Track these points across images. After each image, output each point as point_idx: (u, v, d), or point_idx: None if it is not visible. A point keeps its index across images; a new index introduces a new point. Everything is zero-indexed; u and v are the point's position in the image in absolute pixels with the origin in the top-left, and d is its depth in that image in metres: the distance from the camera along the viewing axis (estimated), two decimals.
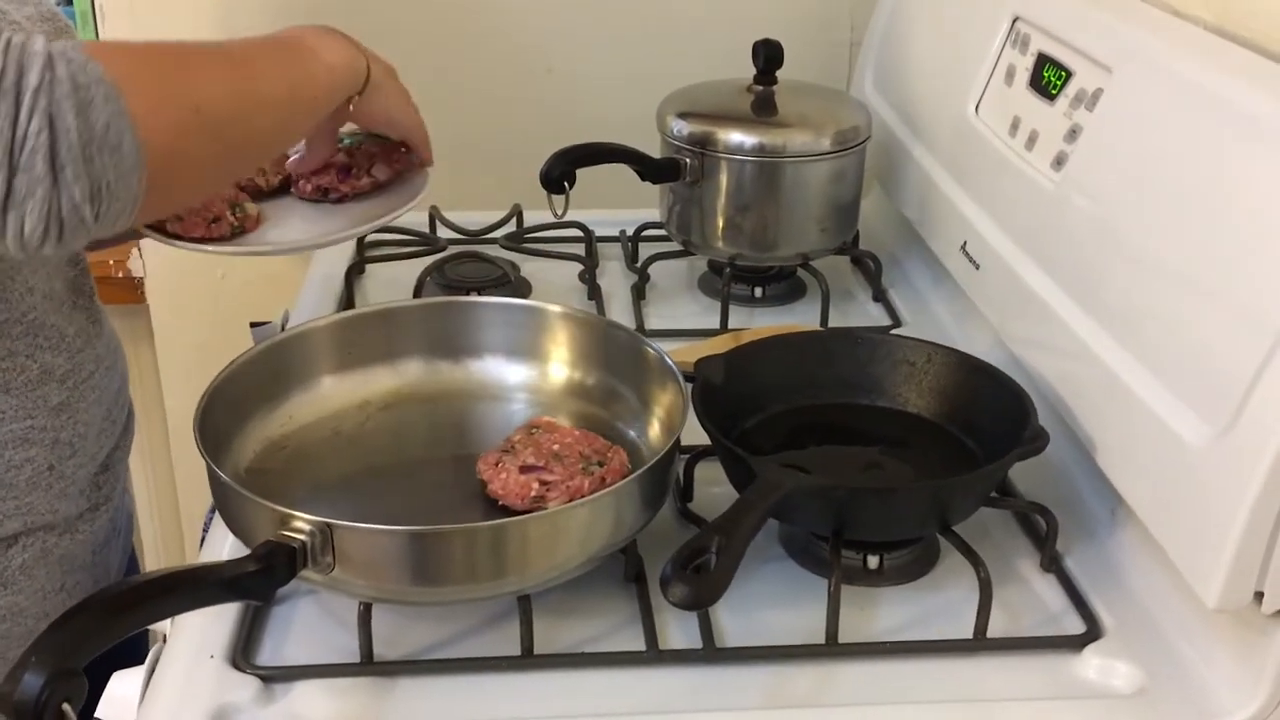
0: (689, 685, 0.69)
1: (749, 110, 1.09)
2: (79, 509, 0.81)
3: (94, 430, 0.82)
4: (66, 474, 0.79)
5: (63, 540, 0.80)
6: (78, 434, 0.80)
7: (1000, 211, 0.93)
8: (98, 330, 0.84)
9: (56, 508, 0.79)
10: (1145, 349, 0.72)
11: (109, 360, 0.85)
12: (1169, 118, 0.75)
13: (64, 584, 0.80)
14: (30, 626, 0.78)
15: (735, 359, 0.84)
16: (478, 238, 1.20)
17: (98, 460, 0.83)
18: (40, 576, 0.78)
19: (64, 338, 0.79)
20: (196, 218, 0.89)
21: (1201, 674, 0.68)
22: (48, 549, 0.78)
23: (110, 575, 0.87)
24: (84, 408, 0.80)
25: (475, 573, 0.67)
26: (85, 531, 0.82)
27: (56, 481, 0.78)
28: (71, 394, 0.79)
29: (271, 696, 0.67)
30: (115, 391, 0.86)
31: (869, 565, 0.77)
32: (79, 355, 0.80)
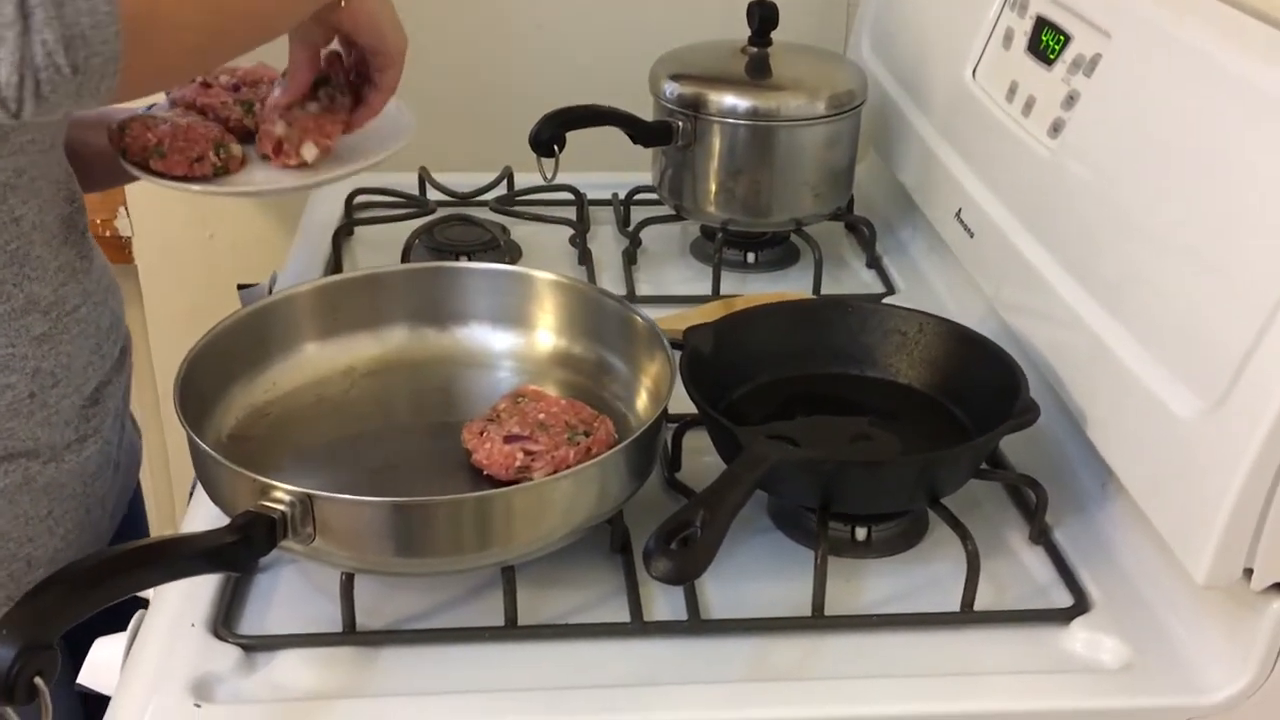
0: (674, 657, 0.68)
1: (743, 73, 1.08)
2: (65, 439, 0.81)
3: (80, 362, 0.81)
4: (49, 403, 0.79)
5: (47, 468, 0.79)
6: (60, 364, 0.79)
7: (996, 179, 0.92)
8: (86, 265, 0.83)
9: (38, 435, 0.78)
10: (1138, 321, 0.71)
11: (98, 295, 0.85)
12: (1168, 85, 0.73)
13: (50, 511, 0.80)
14: (13, 550, 0.78)
15: (724, 328, 0.83)
16: (467, 200, 1.18)
17: (84, 392, 0.82)
18: (24, 503, 0.78)
19: (49, 270, 0.79)
20: (179, 156, 0.88)
21: (1189, 649, 0.68)
22: (30, 476, 0.78)
23: (105, 509, 0.87)
24: (68, 340, 0.80)
25: (459, 544, 0.66)
26: (71, 461, 0.81)
27: (38, 410, 0.78)
28: (55, 325, 0.79)
29: (253, 665, 0.67)
30: (106, 327, 0.85)
31: (856, 537, 0.76)
32: (64, 288, 0.80)
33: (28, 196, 0.76)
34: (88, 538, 0.85)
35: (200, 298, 1.40)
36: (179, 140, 0.89)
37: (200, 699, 0.64)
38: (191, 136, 0.89)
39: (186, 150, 0.88)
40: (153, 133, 0.89)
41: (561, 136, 1.03)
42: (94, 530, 0.86)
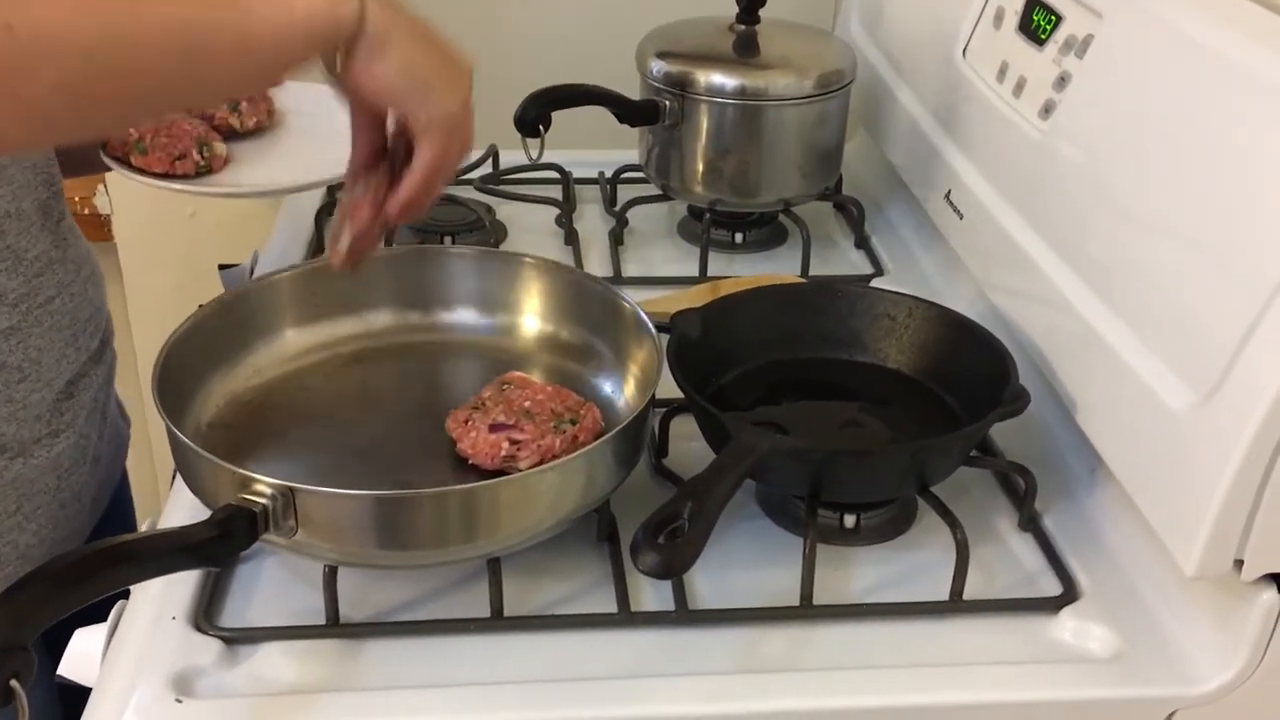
0: (661, 647, 0.68)
1: (730, 51, 1.06)
2: (35, 434, 0.79)
3: (51, 356, 0.79)
4: (15, 398, 0.77)
5: (14, 464, 0.78)
6: (28, 359, 0.77)
7: (986, 160, 0.91)
8: (62, 254, 0.81)
9: (3, 430, 0.76)
10: (1129, 308, 0.71)
11: (76, 286, 0.82)
12: (1160, 67, 0.72)
13: (19, 507, 0.79)
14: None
15: (712, 313, 0.82)
16: (452, 179, 1.16)
17: (55, 386, 0.80)
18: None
19: (22, 260, 0.76)
20: (161, 153, 0.87)
21: (1179, 639, 0.68)
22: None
23: (82, 504, 0.86)
24: (38, 333, 0.78)
25: (443, 537, 0.66)
26: (42, 456, 0.80)
27: (3, 405, 0.76)
28: (24, 318, 0.76)
29: (235, 658, 0.66)
30: (85, 319, 0.83)
31: (845, 524, 0.75)
32: (37, 279, 0.78)
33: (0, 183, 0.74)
34: (62, 533, 0.83)
35: (181, 277, 1.38)
36: (161, 136, 0.87)
37: (181, 693, 0.63)
38: (175, 133, 0.87)
39: (169, 147, 0.86)
40: (134, 128, 0.87)
41: (547, 116, 1.01)
42: (69, 525, 0.84)
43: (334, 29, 0.61)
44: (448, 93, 0.65)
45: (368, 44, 0.62)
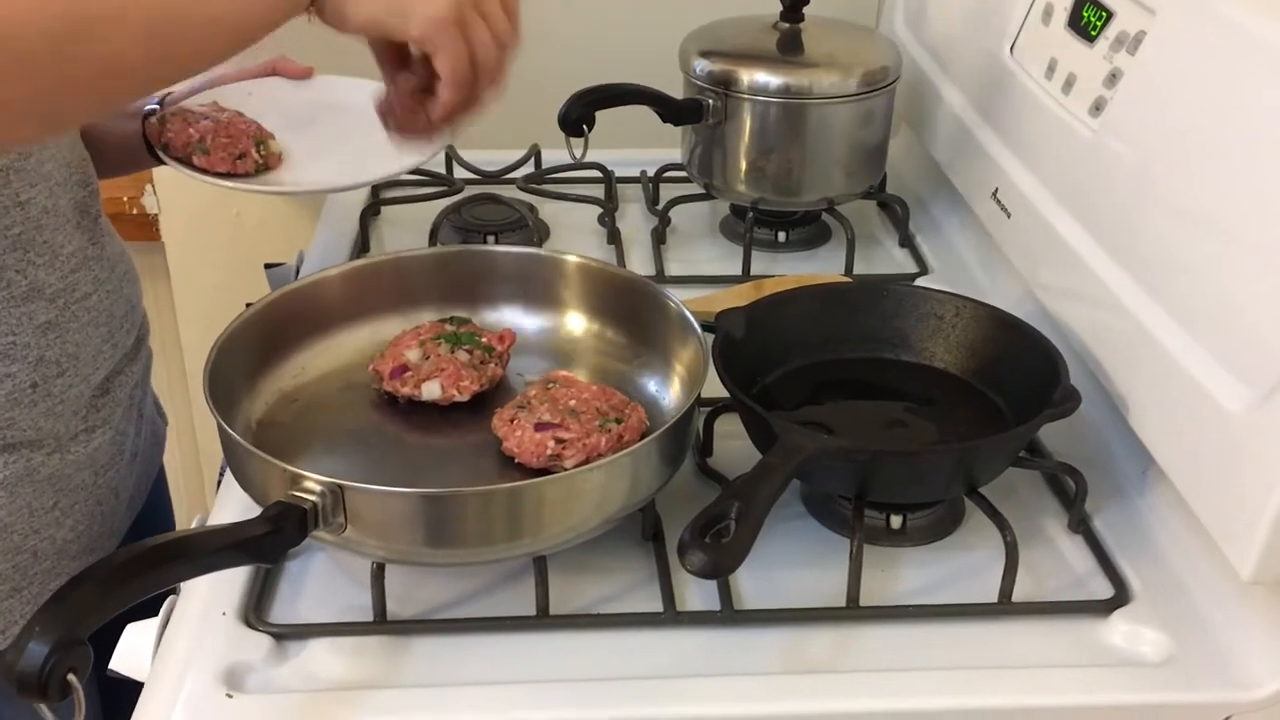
0: (707, 647, 0.68)
1: (774, 49, 1.06)
2: (72, 429, 0.79)
3: (89, 351, 0.80)
4: (54, 393, 0.77)
5: (51, 459, 0.78)
6: (66, 353, 0.78)
7: (1034, 158, 0.90)
8: (98, 252, 0.82)
9: (41, 425, 0.77)
10: (1184, 307, 0.70)
11: (112, 283, 0.83)
12: (1215, 64, 0.71)
13: (57, 503, 0.79)
14: (17, 543, 0.78)
15: (757, 311, 0.82)
16: (495, 179, 1.17)
17: (93, 382, 0.81)
18: (26, 494, 0.77)
19: (58, 256, 0.77)
20: (222, 153, 0.87)
21: (1232, 644, 0.66)
22: (33, 467, 0.77)
23: (119, 500, 0.87)
24: (76, 328, 0.78)
25: (489, 535, 0.66)
26: (79, 452, 0.80)
27: (42, 399, 0.77)
28: (61, 313, 0.77)
29: (284, 654, 0.67)
30: (120, 315, 0.84)
31: (892, 525, 0.75)
32: (74, 275, 0.78)
33: (35, 180, 0.75)
34: (99, 529, 0.84)
35: (227, 275, 1.40)
36: (221, 136, 0.87)
37: (232, 688, 0.64)
38: (233, 133, 0.88)
39: (230, 147, 0.87)
40: (194, 128, 0.88)
41: (591, 116, 1.01)
42: (106, 521, 0.85)
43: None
44: (420, 6, 0.66)
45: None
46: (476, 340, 0.80)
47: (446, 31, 0.67)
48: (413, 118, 0.74)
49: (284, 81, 1.01)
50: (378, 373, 0.80)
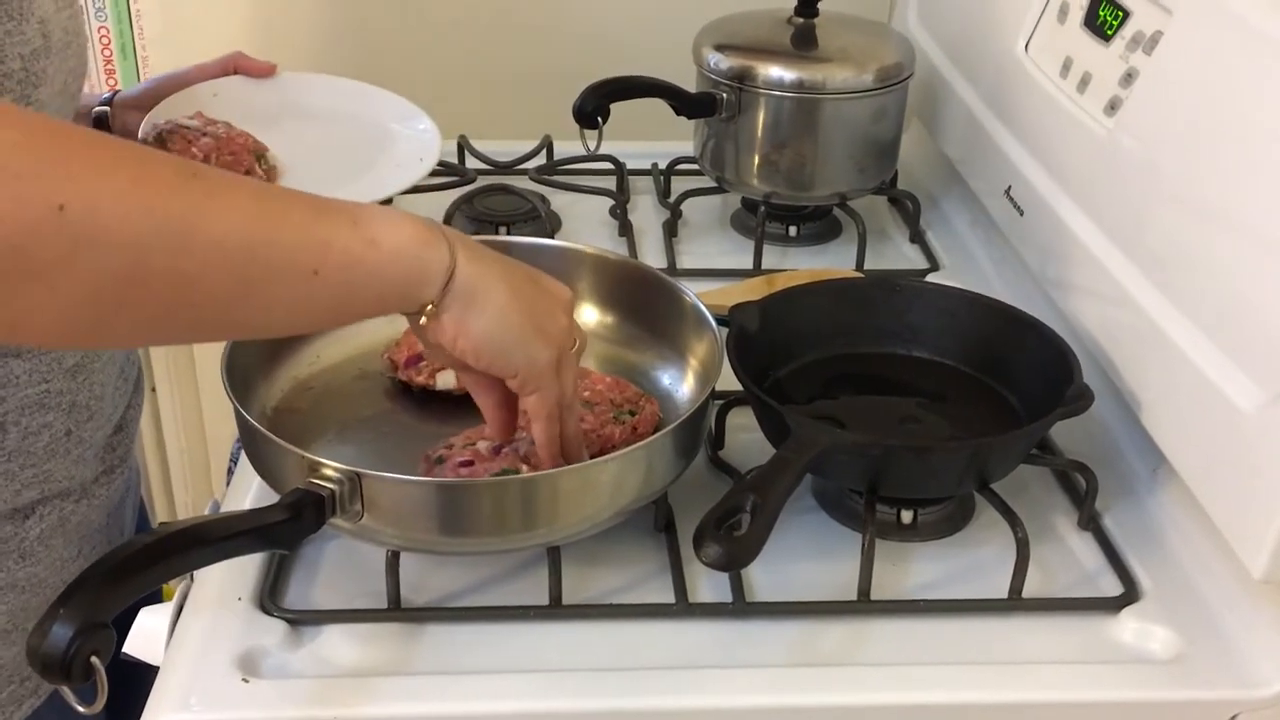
0: (718, 639, 0.68)
1: (789, 44, 1.06)
2: (94, 473, 0.79)
3: (110, 390, 0.79)
4: (84, 438, 0.76)
5: (79, 507, 0.77)
6: (94, 395, 0.77)
7: (1048, 156, 0.90)
8: None
9: (73, 474, 0.76)
10: (1197, 306, 0.70)
11: None
12: (1232, 65, 0.71)
13: (80, 550, 0.78)
14: (47, 597, 0.74)
15: (770, 305, 0.82)
16: (507, 169, 1.17)
17: (113, 421, 0.80)
18: (58, 546, 0.76)
19: None
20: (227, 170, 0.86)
21: (1242, 642, 0.67)
22: (65, 517, 0.76)
23: (124, 535, 0.86)
24: (98, 368, 0.77)
25: (504, 525, 0.66)
26: (101, 496, 0.79)
27: (75, 447, 0.76)
28: (86, 355, 0.75)
29: (299, 640, 0.67)
30: (125, 351, 0.84)
31: (903, 520, 0.75)
32: None
33: None
34: None
35: None
36: (224, 154, 0.86)
37: (247, 673, 0.64)
38: (234, 149, 0.87)
39: (234, 165, 0.86)
40: (196, 147, 0.87)
41: (605, 108, 1.02)
42: None
43: (421, 274, 0.56)
44: (540, 346, 0.60)
45: (459, 300, 0.57)
46: None
47: (551, 374, 0.62)
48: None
49: (247, 81, 0.98)
50: (392, 361, 0.80)
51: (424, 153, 0.95)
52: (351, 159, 0.95)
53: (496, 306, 0.58)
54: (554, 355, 0.61)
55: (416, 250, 0.55)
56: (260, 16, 1.28)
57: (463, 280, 0.57)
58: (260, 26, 1.12)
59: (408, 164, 0.94)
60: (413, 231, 0.55)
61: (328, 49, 1.02)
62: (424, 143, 0.97)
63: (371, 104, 1.00)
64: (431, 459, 0.70)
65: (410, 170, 0.94)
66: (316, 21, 0.85)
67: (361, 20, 1.31)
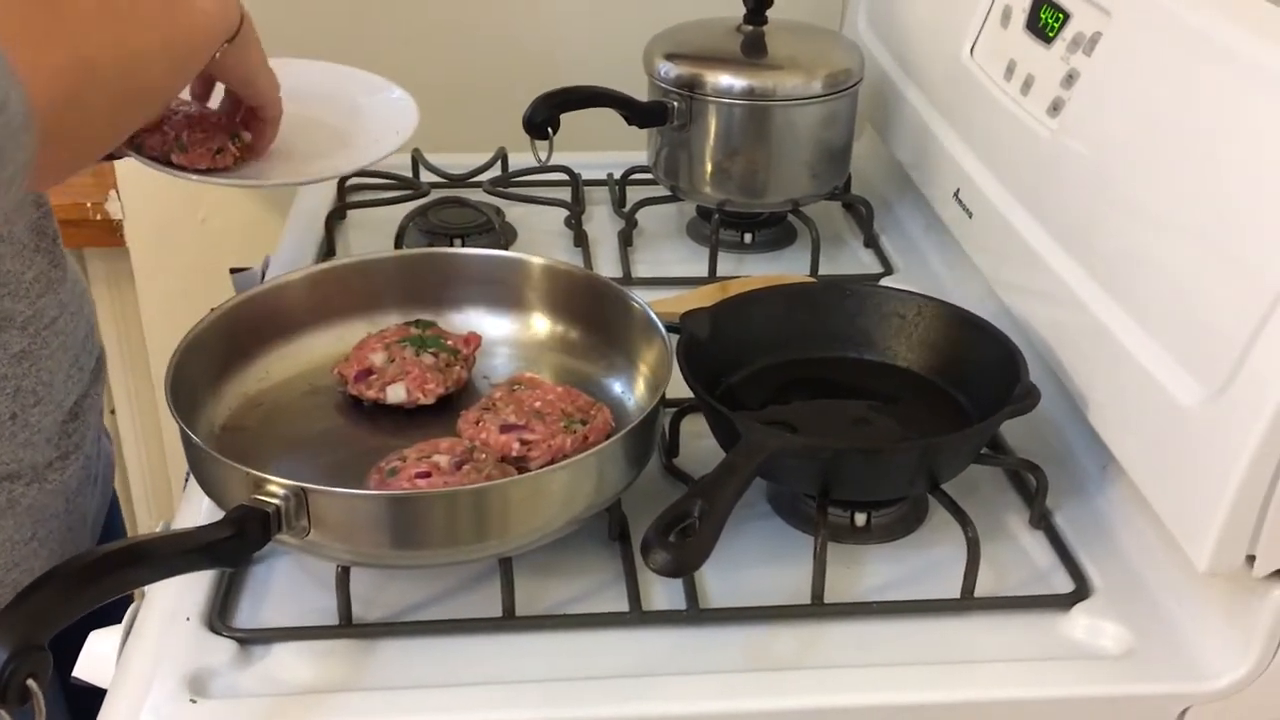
0: (673, 646, 0.68)
1: (738, 51, 1.06)
2: (47, 458, 0.79)
3: (60, 377, 0.80)
4: (31, 422, 0.77)
5: (30, 490, 0.78)
6: (41, 381, 0.78)
7: (994, 158, 0.91)
8: (60, 275, 0.82)
9: (21, 456, 0.77)
10: (1139, 304, 0.70)
11: (74, 305, 0.83)
12: (1170, 64, 0.72)
13: (35, 533, 0.79)
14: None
15: (721, 312, 0.82)
16: (461, 182, 1.17)
17: (64, 408, 0.81)
18: (8, 528, 0.77)
19: (23, 283, 0.77)
20: (201, 149, 0.85)
21: (1191, 635, 0.67)
22: (14, 499, 0.77)
23: (86, 523, 0.86)
24: (47, 355, 0.78)
25: (455, 536, 0.66)
26: (55, 481, 0.80)
27: (20, 430, 0.76)
28: (33, 341, 0.77)
29: (249, 659, 0.66)
30: (82, 338, 0.84)
31: (856, 523, 0.76)
32: (40, 300, 0.78)
33: None
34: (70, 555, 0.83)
35: (192, 281, 1.39)
36: (197, 132, 0.86)
37: (196, 694, 0.63)
38: (206, 127, 0.86)
39: (207, 142, 0.85)
40: (169, 124, 0.87)
41: (556, 118, 1.02)
42: (76, 546, 0.84)
43: (227, 27, 0.76)
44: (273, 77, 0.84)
45: (242, 40, 0.78)
46: (441, 343, 0.81)
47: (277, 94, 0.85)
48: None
49: None
50: (342, 376, 0.80)
51: (400, 122, 0.96)
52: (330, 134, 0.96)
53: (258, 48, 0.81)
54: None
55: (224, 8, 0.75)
56: None
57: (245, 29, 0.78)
58: None
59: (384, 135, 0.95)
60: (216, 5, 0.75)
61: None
62: (400, 110, 0.97)
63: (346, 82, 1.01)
64: (384, 471, 0.70)
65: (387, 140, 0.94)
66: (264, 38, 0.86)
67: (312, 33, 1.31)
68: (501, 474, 0.69)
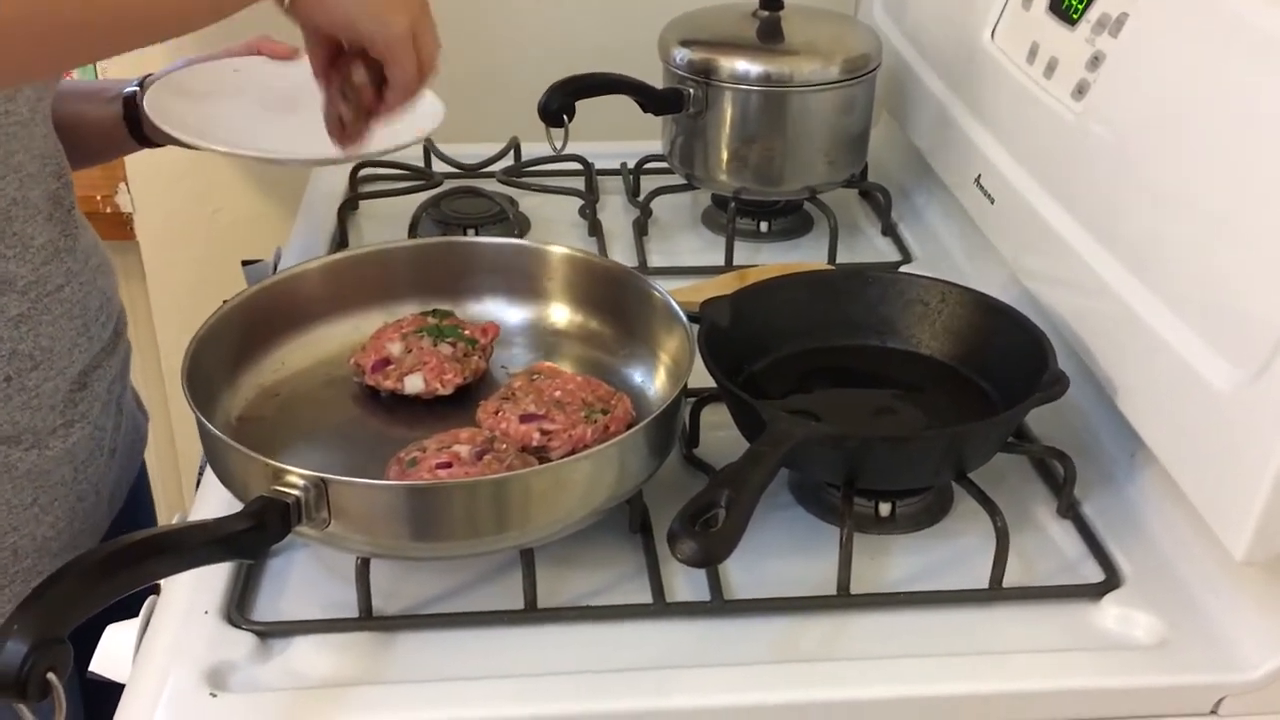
0: (697, 638, 0.67)
1: (754, 37, 1.05)
2: (50, 424, 0.79)
3: (63, 344, 0.79)
4: (29, 386, 0.77)
5: (29, 455, 0.77)
6: (40, 347, 0.77)
7: (1017, 143, 0.90)
8: (70, 244, 0.81)
9: (18, 420, 0.76)
10: (1171, 289, 0.69)
11: (85, 275, 0.82)
12: (1198, 45, 0.71)
13: (36, 499, 0.79)
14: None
15: (742, 300, 0.81)
16: (474, 172, 1.16)
17: (69, 375, 0.80)
18: (5, 489, 0.77)
19: (29, 248, 0.76)
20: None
21: (1226, 625, 0.66)
22: (11, 462, 0.76)
23: (100, 496, 0.86)
24: (48, 321, 0.78)
25: (475, 527, 0.65)
26: (57, 447, 0.79)
27: (16, 394, 0.76)
28: (34, 306, 0.76)
29: (268, 652, 0.65)
30: (95, 308, 0.83)
31: (881, 513, 0.74)
32: (45, 267, 0.77)
33: (4, 171, 0.73)
34: (80, 525, 0.83)
35: (203, 274, 1.38)
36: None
37: (215, 687, 0.63)
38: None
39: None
40: None
41: (571, 106, 1.01)
42: (88, 518, 0.84)
43: None
44: (394, 16, 0.70)
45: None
46: (459, 333, 0.80)
47: (405, 44, 0.72)
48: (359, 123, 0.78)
49: (268, 61, 1.01)
50: (359, 366, 0.79)
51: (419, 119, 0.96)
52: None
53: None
54: (406, 24, 0.71)
55: None
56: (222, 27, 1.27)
57: None
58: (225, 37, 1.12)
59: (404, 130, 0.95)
60: None
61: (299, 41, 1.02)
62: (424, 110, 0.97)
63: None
64: (404, 461, 0.69)
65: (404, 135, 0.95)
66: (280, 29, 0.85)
67: None
68: (523, 464, 0.68)
